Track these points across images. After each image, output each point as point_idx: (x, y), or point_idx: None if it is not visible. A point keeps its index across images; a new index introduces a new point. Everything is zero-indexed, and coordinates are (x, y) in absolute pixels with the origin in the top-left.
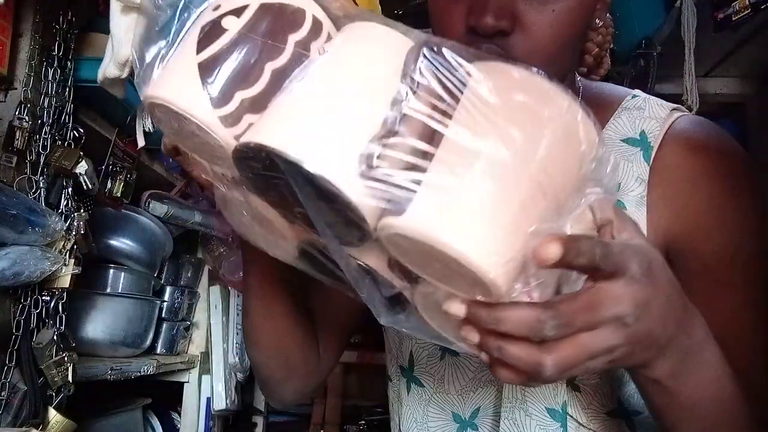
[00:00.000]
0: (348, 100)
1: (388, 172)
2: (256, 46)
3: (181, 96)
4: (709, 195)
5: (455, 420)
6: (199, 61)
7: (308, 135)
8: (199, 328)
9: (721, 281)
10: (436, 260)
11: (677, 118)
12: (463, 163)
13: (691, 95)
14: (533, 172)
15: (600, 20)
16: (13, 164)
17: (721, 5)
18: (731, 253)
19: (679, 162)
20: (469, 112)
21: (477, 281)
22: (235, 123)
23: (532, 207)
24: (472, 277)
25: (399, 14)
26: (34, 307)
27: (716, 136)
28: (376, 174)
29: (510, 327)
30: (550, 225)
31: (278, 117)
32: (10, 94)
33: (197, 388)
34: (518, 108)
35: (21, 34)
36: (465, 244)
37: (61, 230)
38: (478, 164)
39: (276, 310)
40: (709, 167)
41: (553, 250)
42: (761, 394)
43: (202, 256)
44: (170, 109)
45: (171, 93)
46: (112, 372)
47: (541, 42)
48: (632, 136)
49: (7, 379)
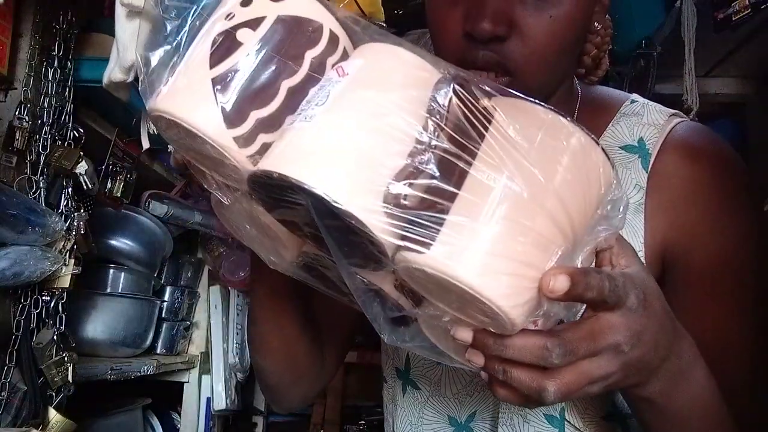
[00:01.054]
0: (374, 135)
1: (412, 210)
2: (272, 63)
3: (193, 113)
4: (704, 204)
5: (451, 423)
6: (213, 76)
7: (335, 170)
8: (199, 328)
9: (714, 289)
10: (454, 294)
11: (676, 124)
12: (488, 204)
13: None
14: (556, 215)
15: (599, 23)
16: (13, 164)
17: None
18: (725, 261)
19: (676, 170)
20: (494, 151)
21: (493, 317)
22: (249, 144)
23: (553, 248)
24: (491, 314)
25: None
26: (34, 307)
27: (713, 144)
28: (401, 212)
29: (517, 354)
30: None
31: (302, 148)
32: (10, 94)
33: (197, 388)
34: (542, 150)
35: (21, 34)
36: (488, 285)
37: (61, 230)
38: (503, 206)
39: (285, 319)
40: (706, 176)
41: (561, 283)
42: (749, 397)
43: (202, 256)
44: (180, 125)
45: (182, 109)
46: (112, 372)
47: (538, 48)
48: (630, 143)
49: (7, 379)
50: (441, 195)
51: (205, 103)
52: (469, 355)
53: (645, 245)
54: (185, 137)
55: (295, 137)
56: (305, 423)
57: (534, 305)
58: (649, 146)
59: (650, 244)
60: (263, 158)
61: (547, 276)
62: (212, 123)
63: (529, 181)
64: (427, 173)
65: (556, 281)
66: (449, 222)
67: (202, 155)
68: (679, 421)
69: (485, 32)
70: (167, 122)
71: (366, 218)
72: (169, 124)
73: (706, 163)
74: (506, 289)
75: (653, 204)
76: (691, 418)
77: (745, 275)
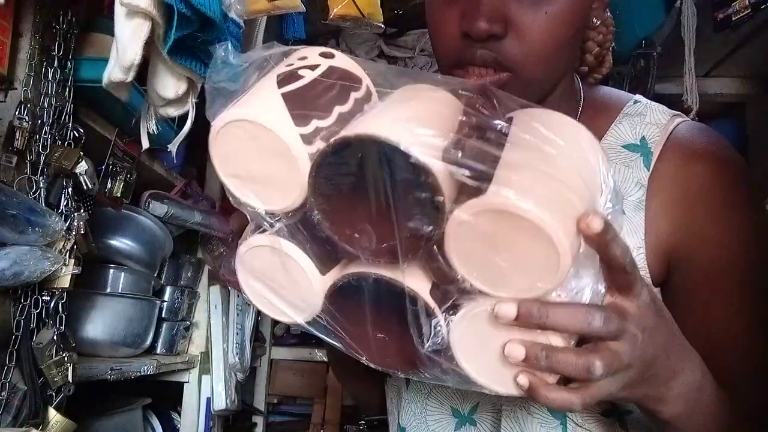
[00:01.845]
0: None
1: (468, 155)
2: (328, 91)
3: (266, 114)
4: (707, 203)
5: (454, 415)
6: (281, 92)
7: (403, 128)
8: (199, 328)
9: (719, 289)
10: (504, 249)
11: (678, 124)
12: (527, 160)
13: (691, 95)
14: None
15: (598, 19)
16: (13, 164)
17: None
18: (729, 260)
19: (678, 169)
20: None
21: (547, 257)
22: (310, 143)
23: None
24: (545, 251)
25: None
26: (34, 307)
27: (715, 143)
28: (458, 157)
29: (561, 318)
30: None
31: (372, 120)
32: (10, 94)
33: (197, 388)
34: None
35: (21, 34)
36: (550, 219)
37: (61, 230)
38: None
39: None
40: (708, 175)
41: (598, 222)
42: (754, 395)
43: (202, 256)
44: (253, 126)
45: (257, 112)
46: (112, 372)
47: (535, 45)
48: (632, 142)
49: (7, 379)
50: (486, 154)
51: (276, 107)
52: (508, 349)
53: (645, 243)
54: (248, 149)
55: (362, 118)
56: (305, 423)
57: (576, 245)
58: (651, 145)
59: (651, 242)
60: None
61: (587, 215)
62: (283, 121)
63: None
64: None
65: (594, 219)
66: (500, 164)
67: (257, 173)
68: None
69: (481, 31)
70: (235, 133)
71: (429, 159)
72: (235, 136)
73: (707, 162)
74: (559, 222)
75: (656, 203)
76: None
77: (749, 273)
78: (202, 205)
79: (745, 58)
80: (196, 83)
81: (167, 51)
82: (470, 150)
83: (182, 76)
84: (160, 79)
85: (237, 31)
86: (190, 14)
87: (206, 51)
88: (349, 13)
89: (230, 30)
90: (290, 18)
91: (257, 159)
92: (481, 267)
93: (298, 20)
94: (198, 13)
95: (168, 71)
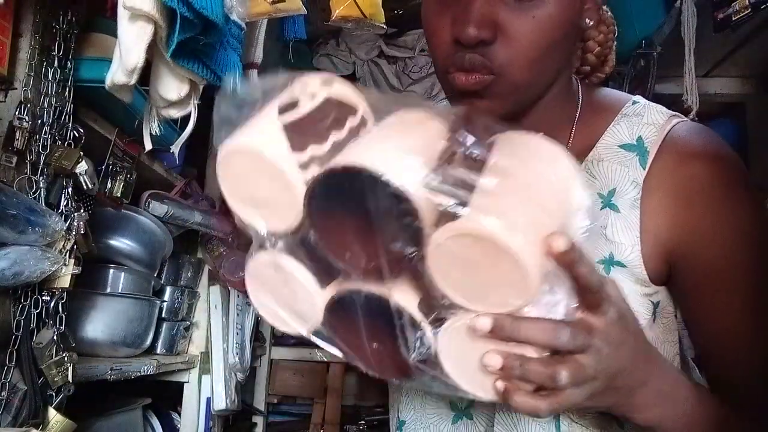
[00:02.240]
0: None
1: (446, 183)
2: (324, 119)
3: (265, 143)
4: (705, 202)
5: (452, 408)
6: (281, 121)
7: (386, 157)
8: (199, 328)
9: (721, 288)
10: (479, 268)
11: (675, 124)
12: (502, 185)
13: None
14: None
15: (592, 20)
16: (13, 164)
17: (721, 5)
18: (730, 258)
19: (675, 169)
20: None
21: (515, 276)
22: (306, 169)
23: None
24: (513, 271)
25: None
26: (34, 307)
27: (712, 143)
28: (437, 184)
29: (531, 333)
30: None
31: (358, 149)
32: (10, 94)
33: (197, 388)
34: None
35: (21, 34)
36: (516, 241)
37: (61, 230)
38: (513, 188)
39: None
40: (705, 175)
41: (563, 242)
42: (759, 395)
43: (202, 256)
44: (252, 154)
45: (256, 141)
46: (112, 372)
47: (522, 48)
48: (629, 141)
49: (7, 379)
50: (464, 184)
51: (274, 136)
52: (486, 359)
53: (641, 240)
54: (249, 176)
55: (350, 147)
56: (305, 423)
57: (547, 265)
58: (648, 145)
59: (648, 239)
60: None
61: (553, 235)
62: (281, 150)
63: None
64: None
65: (557, 240)
66: (476, 191)
67: (258, 197)
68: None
69: (471, 38)
70: (238, 161)
71: (410, 187)
72: (238, 163)
73: (705, 161)
74: (526, 245)
75: (652, 201)
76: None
77: (750, 271)
78: (202, 205)
79: (744, 58)
80: (199, 85)
81: (170, 54)
82: (448, 178)
83: (185, 78)
84: (162, 81)
85: (238, 33)
86: (192, 17)
87: (208, 53)
88: (351, 15)
89: (232, 32)
90: (291, 19)
91: (258, 184)
92: (461, 284)
93: (298, 21)
94: (200, 17)
95: (171, 73)
